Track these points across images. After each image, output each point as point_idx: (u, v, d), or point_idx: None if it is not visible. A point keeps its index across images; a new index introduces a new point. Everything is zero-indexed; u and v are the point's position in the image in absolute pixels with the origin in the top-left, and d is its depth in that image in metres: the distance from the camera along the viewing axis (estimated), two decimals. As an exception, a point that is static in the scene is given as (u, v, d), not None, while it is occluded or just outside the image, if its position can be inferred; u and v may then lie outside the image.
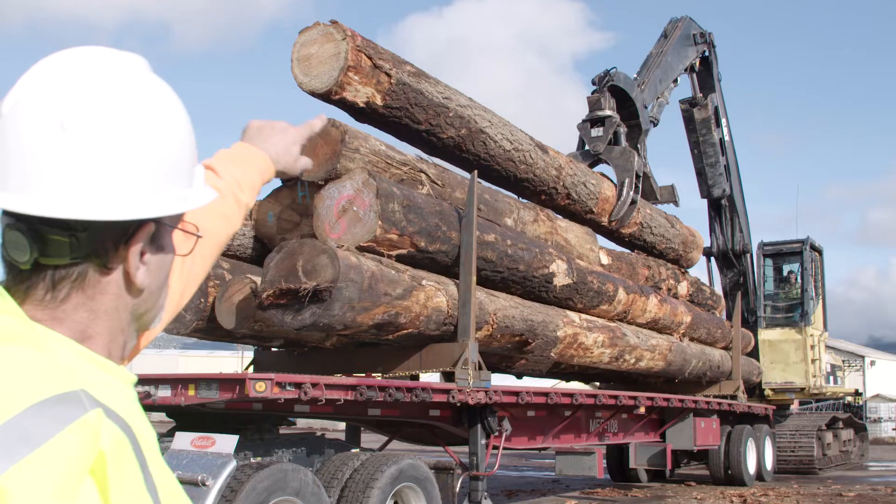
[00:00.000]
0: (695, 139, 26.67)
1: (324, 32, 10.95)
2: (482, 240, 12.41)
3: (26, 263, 1.63)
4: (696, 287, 21.84)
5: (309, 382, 9.58)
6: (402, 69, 11.64)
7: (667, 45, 23.05)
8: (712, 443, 20.79)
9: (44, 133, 1.60)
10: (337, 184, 10.90)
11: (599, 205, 17.02)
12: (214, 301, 11.24)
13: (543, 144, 15.30)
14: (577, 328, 14.76)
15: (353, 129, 11.30)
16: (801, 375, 28.06)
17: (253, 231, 12.22)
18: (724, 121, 27.05)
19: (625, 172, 18.04)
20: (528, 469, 29.51)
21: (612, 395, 15.98)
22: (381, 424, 13.77)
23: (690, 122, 26.60)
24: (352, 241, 10.62)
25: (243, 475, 8.93)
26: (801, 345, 28.24)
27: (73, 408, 1.45)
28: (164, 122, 1.71)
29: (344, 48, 10.79)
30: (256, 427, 10.56)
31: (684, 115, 26.70)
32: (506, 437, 13.23)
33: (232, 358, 70.63)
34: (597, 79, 18.90)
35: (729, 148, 27.22)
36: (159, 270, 1.77)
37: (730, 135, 27.32)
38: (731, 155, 27.32)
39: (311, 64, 10.95)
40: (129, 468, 1.52)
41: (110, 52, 1.72)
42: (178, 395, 9.56)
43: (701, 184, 27.11)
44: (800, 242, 29.33)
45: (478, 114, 13.20)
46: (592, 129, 18.74)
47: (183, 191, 1.75)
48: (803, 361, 28.09)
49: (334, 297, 9.88)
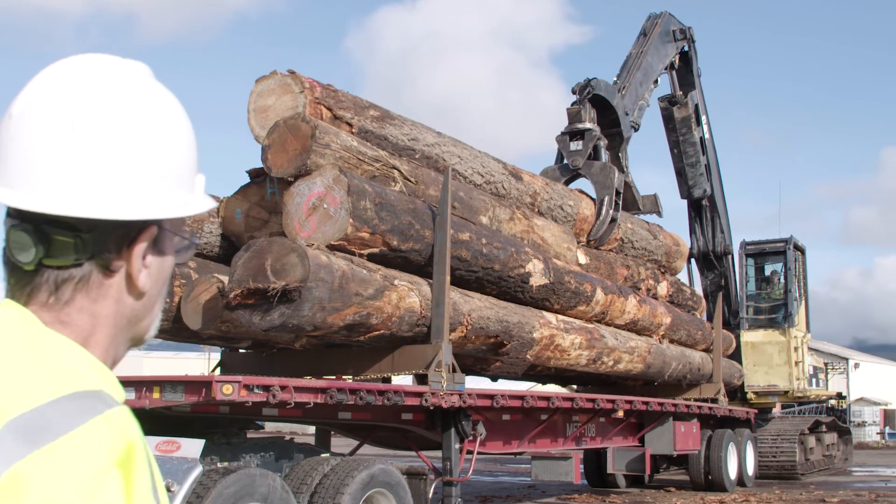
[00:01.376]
0: (675, 138, 26.66)
1: (281, 83, 11.08)
2: (456, 238, 12.44)
3: (30, 264, 1.67)
4: (676, 287, 21.91)
5: (278, 385, 9.59)
6: (364, 116, 11.74)
7: (646, 45, 23.08)
8: (692, 447, 20.86)
9: (53, 133, 1.65)
10: (307, 180, 10.92)
11: (577, 225, 17.15)
12: (180, 301, 11.24)
13: (517, 170, 15.45)
14: (553, 329, 14.80)
15: (324, 124, 11.32)
16: (785, 378, 28.14)
17: (220, 229, 12.23)
18: (705, 118, 27.08)
19: (604, 190, 18.05)
20: (503, 474, 29.53)
21: (590, 398, 16.03)
22: (352, 428, 13.78)
23: (670, 120, 26.59)
24: (322, 240, 10.64)
25: (210, 480, 8.94)
26: (784, 347, 28.34)
27: (97, 403, 1.53)
28: (169, 128, 1.76)
29: (302, 101, 10.93)
30: (223, 431, 10.56)
31: (664, 113, 26.68)
32: (480, 442, 13.26)
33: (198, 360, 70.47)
34: (577, 88, 18.90)
35: (709, 146, 27.26)
36: (159, 275, 1.83)
37: (710, 133, 27.35)
38: (711, 154, 27.36)
39: (268, 116, 11.11)
40: (143, 468, 1.59)
41: (116, 60, 1.77)
42: (143, 398, 9.55)
43: (681, 184, 27.14)
44: (783, 242, 29.43)
45: (446, 150, 13.32)
46: (572, 143, 18.72)
47: (186, 195, 1.80)
48: (787, 364, 28.15)
49: (304, 298, 9.89)
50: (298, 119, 11.13)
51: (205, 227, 12.06)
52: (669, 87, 26.44)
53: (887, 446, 55.47)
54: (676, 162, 26.97)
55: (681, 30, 25.26)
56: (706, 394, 22.73)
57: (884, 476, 30.16)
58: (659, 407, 18.58)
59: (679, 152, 26.73)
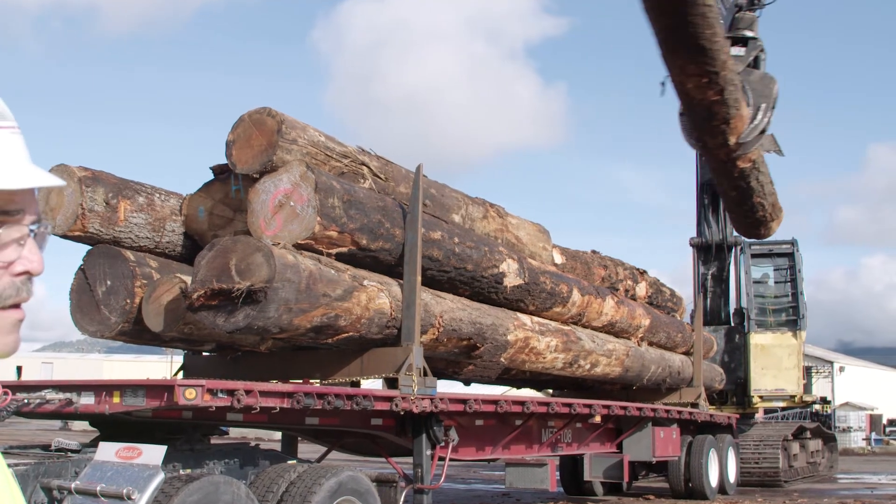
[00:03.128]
0: None
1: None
2: (428, 237, 12.48)
3: None
4: (655, 288, 22.02)
5: (242, 389, 9.61)
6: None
7: None
8: (672, 454, 20.92)
9: None
10: (273, 177, 10.93)
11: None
12: (141, 302, 11.23)
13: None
14: (528, 332, 14.85)
15: (291, 118, 11.34)
16: (794, 382, 28.69)
17: (183, 227, 12.21)
18: None
19: (762, 98, 17.96)
20: (476, 482, 29.58)
21: (566, 402, 16.10)
22: (320, 434, 13.80)
23: None
24: (288, 239, 10.66)
25: (172, 488, 8.95)
26: (794, 350, 28.91)
27: None
28: None
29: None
30: (186, 437, 10.55)
31: None
32: (452, 448, 13.31)
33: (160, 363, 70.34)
34: (745, 2, 18.86)
35: None
36: None
37: None
38: None
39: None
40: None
41: None
42: (102, 403, 9.55)
43: (704, 165, 27.56)
44: (790, 243, 30.02)
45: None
46: (733, 48, 18.53)
47: None
48: (796, 368, 28.66)
49: (269, 298, 9.91)
50: (264, 113, 11.15)
51: (167, 226, 12.05)
52: None
53: (873, 452, 55.78)
54: None
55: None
56: (686, 398, 22.85)
57: (870, 483, 30.35)
58: (637, 412, 18.66)
59: None
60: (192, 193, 12.28)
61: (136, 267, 11.26)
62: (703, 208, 29.03)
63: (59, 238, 11.27)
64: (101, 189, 11.30)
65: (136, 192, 11.74)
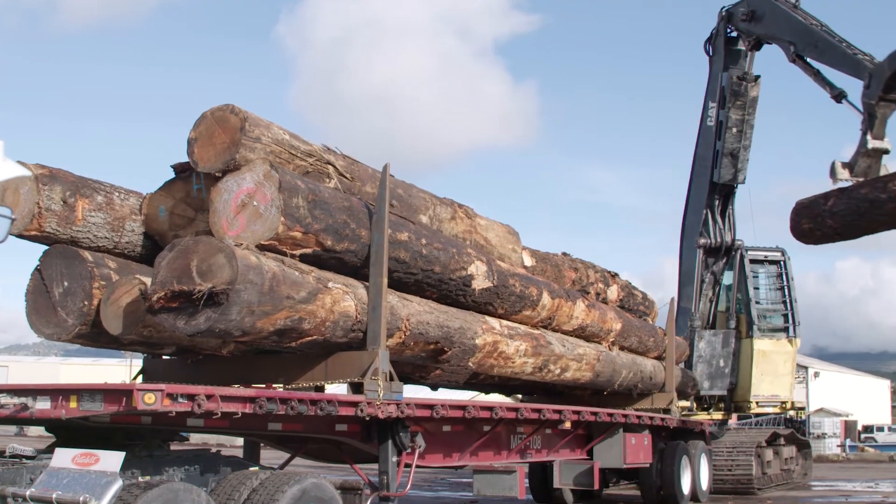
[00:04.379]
0: (740, 117, 28.07)
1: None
2: (394, 238, 12.48)
3: None
4: (626, 291, 22.08)
5: (203, 394, 9.58)
6: None
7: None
8: (643, 460, 21.00)
9: None
10: (236, 176, 10.92)
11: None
12: (100, 304, 11.18)
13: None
14: (497, 335, 14.87)
15: (255, 116, 11.32)
16: (787, 388, 29.43)
17: (143, 227, 12.17)
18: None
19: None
20: (443, 489, 29.61)
21: (536, 408, 16.12)
22: (283, 440, 13.77)
23: (739, 97, 28.00)
24: (251, 239, 10.64)
25: (130, 496, 8.92)
26: (790, 357, 29.79)
27: None
28: None
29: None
30: (145, 443, 10.52)
31: (734, 88, 27.99)
32: (419, 455, 13.31)
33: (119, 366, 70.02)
34: None
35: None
36: None
37: None
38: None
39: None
40: None
41: None
42: (59, 408, 9.51)
43: (725, 166, 28.26)
44: (780, 251, 30.90)
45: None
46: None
47: None
48: (790, 374, 29.43)
49: (232, 301, 9.89)
50: (227, 111, 11.13)
51: (126, 225, 12.00)
52: (746, 63, 27.93)
53: (848, 459, 56.08)
54: (733, 142, 28.32)
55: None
56: (658, 404, 22.91)
57: (844, 491, 30.54)
58: (608, 417, 18.70)
59: (738, 132, 27.88)
60: (152, 192, 12.25)
61: (94, 268, 11.22)
62: (712, 209, 29.49)
63: (15, 237, 11.21)
64: (59, 187, 11.25)
65: (94, 191, 11.69)
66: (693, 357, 29.11)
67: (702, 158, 29.64)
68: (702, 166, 29.70)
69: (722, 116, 28.89)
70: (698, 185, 29.93)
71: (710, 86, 29.60)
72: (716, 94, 29.16)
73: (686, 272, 30.05)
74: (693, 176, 30.22)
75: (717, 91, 29.13)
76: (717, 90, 29.09)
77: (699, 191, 29.85)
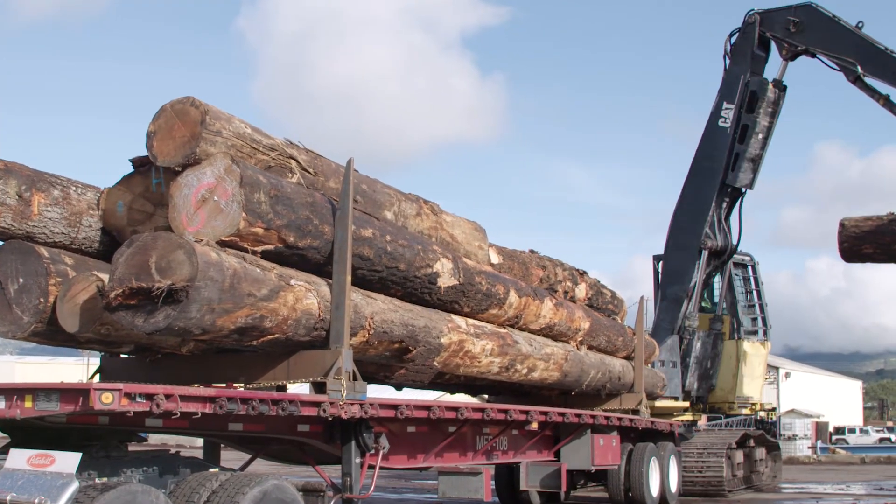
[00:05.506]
0: (768, 123, 28.61)
1: None
2: (358, 235, 12.48)
3: None
4: (595, 290, 22.11)
5: (162, 393, 9.57)
6: None
7: None
8: (611, 462, 21.04)
9: None
10: (196, 170, 10.89)
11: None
12: (56, 301, 11.13)
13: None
14: (463, 334, 14.89)
15: (216, 109, 11.30)
16: (759, 390, 30.02)
17: (100, 223, 12.12)
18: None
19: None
20: (407, 491, 29.62)
21: (502, 409, 16.14)
22: (244, 441, 13.75)
23: (772, 105, 28.75)
24: (212, 235, 10.63)
25: (87, 498, 8.90)
26: (763, 359, 30.51)
27: None
28: None
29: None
30: (102, 444, 10.50)
31: (773, 96, 28.76)
32: (383, 456, 13.32)
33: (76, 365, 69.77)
34: None
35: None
36: None
37: None
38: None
39: None
40: None
41: None
42: (14, 407, 9.47)
43: (745, 170, 28.84)
44: (748, 255, 31.61)
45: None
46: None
47: None
48: (762, 376, 30.13)
49: (191, 298, 9.87)
50: (187, 103, 11.10)
51: (83, 221, 11.95)
52: (778, 71, 28.85)
53: (819, 461, 56.31)
54: (757, 148, 28.71)
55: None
56: (627, 404, 22.98)
57: (815, 493, 30.72)
58: (576, 418, 18.74)
59: (764, 138, 28.46)
60: (110, 187, 12.19)
61: (50, 264, 11.16)
62: (718, 212, 29.78)
63: (-32, 233, 11.16)
64: (14, 181, 11.19)
65: (50, 185, 11.63)
66: (690, 358, 29.44)
67: (708, 159, 29.63)
68: (707, 167, 29.72)
69: (746, 119, 29.12)
70: (700, 186, 29.90)
71: (726, 86, 29.65)
72: (733, 95, 29.22)
73: (674, 272, 30.11)
74: (693, 176, 30.08)
75: (735, 93, 29.21)
76: (737, 92, 29.21)
77: (701, 191, 29.85)
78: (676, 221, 30.26)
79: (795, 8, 28.32)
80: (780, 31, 28.64)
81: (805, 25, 27.90)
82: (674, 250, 30.30)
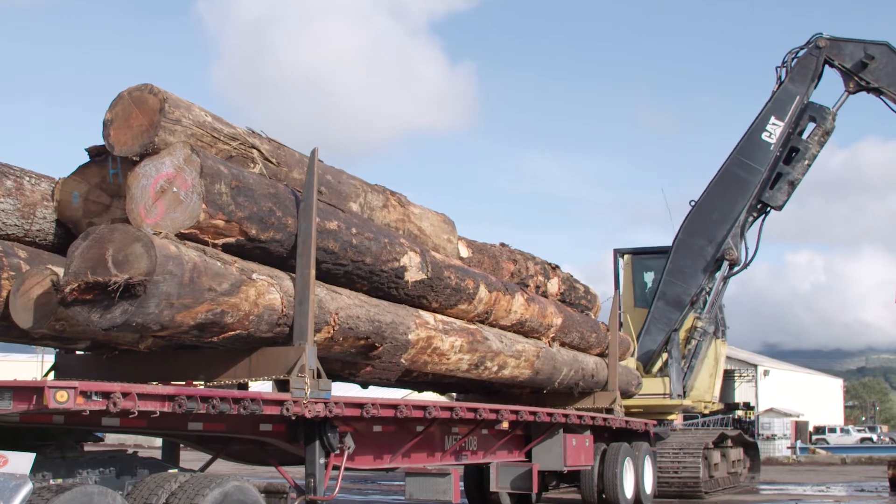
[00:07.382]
0: (816, 152, 30.27)
1: None
2: (323, 227, 12.49)
3: None
4: (568, 285, 22.14)
5: (119, 391, 9.55)
6: None
7: None
8: (584, 463, 21.10)
9: None
10: (154, 160, 10.87)
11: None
12: (8, 296, 11.09)
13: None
14: (431, 330, 14.91)
15: (175, 97, 11.28)
16: (710, 390, 30.52)
17: (55, 214, 12.08)
18: None
19: None
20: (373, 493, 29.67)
21: (471, 407, 16.18)
22: (204, 440, 13.75)
23: (826, 135, 30.68)
24: (171, 228, 10.61)
25: (41, 499, 8.88)
26: (723, 358, 31.08)
27: None
28: None
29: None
30: (57, 444, 10.47)
31: (828, 126, 29.79)
32: (348, 456, 13.34)
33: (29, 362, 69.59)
34: None
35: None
36: None
37: None
38: None
39: None
40: None
41: None
42: (-36, 406, 9.44)
43: (782, 191, 30.03)
44: None
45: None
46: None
47: None
48: (717, 376, 30.59)
49: (149, 293, 9.86)
50: (145, 91, 11.08)
51: (37, 212, 11.92)
52: (837, 103, 30.46)
53: (798, 462, 56.66)
54: (801, 172, 30.35)
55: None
56: (600, 403, 23.04)
57: (794, 494, 30.92)
58: (548, 418, 18.79)
59: (808, 165, 29.62)
60: (65, 177, 12.15)
61: (2, 257, 11.12)
62: (743, 224, 30.34)
63: (-83, 225, 11.12)
64: (-36, 172, 11.15)
65: (3, 175, 11.59)
66: (696, 360, 30.02)
67: (743, 168, 30.07)
68: (741, 177, 30.10)
69: (796, 142, 29.95)
70: (728, 194, 30.32)
71: (778, 102, 30.10)
72: (784, 113, 29.77)
73: (681, 272, 30.42)
74: (722, 182, 30.46)
75: (787, 111, 29.72)
76: (789, 111, 29.67)
77: (729, 200, 30.28)
78: (694, 223, 30.50)
79: (871, 44, 28.94)
80: (849, 64, 29.19)
81: (879, 64, 28.52)
82: (686, 251, 30.48)
